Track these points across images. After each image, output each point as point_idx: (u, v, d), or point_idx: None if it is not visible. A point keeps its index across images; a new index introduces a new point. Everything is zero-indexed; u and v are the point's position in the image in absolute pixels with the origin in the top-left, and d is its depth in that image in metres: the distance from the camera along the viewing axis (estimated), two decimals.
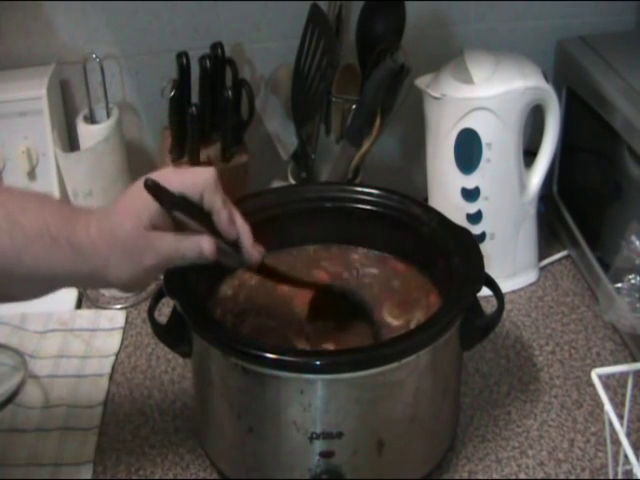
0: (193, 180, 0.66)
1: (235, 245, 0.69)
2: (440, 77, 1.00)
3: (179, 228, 0.67)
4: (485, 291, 0.79)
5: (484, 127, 0.98)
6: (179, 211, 0.65)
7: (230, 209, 0.67)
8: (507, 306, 1.00)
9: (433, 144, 1.03)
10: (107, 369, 0.96)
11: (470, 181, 1.00)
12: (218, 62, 1.01)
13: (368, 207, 0.88)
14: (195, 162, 1.01)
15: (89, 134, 1.00)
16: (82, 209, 0.70)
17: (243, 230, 0.69)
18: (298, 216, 0.89)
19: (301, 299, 0.84)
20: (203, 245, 0.65)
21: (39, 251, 0.64)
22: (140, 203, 0.65)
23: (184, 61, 1.00)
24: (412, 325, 0.81)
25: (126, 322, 1.04)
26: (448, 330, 0.73)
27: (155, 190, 0.63)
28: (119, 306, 1.07)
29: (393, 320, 0.82)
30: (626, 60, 1.01)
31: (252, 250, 0.70)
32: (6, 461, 0.84)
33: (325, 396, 0.70)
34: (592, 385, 0.76)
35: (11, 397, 0.90)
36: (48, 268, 0.64)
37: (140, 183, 0.64)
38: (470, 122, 0.98)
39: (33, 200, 0.67)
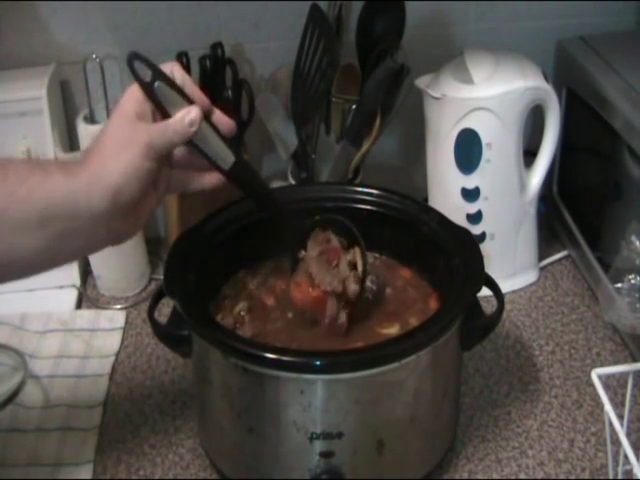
0: (163, 63, 0.72)
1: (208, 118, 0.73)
2: (440, 77, 1.00)
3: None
4: (485, 291, 0.79)
5: (484, 127, 0.98)
6: (159, 81, 0.69)
7: (193, 86, 0.73)
8: (507, 306, 1.01)
9: (433, 144, 1.03)
10: (107, 369, 0.96)
11: (470, 181, 1.00)
12: (218, 62, 1.01)
13: (368, 207, 0.88)
14: None
15: (89, 134, 1.00)
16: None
17: (207, 102, 0.74)
18: (298, 216, 0.89)
19: (302, 298, 0.85)
20: (191, 112, 0.70)
21: (33, 182, 0.65)
22: (122, 101, 0.70)
23: (184, 61, 1.01)
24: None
25: (126, 322, 1.04)
26: (448, 330, 0.73)
27: (136, 58, 0.69)
28: (119, 306, 1.07)
29: (387, 330, 0.82)
30: (626, 60, 1.01)
31: (222, 116, 0.74)
32: (6, 461, 0.84)
33: (325, 396, 0.70)
34: (592, 385, 0.76)
35: (11, 397, 0.90)
36: (44, 196, 0.65)
37: (127, 90, 0.70)
38: (470, 122, 0.98)
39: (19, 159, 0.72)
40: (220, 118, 0.74)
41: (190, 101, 0.71)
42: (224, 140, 0.73)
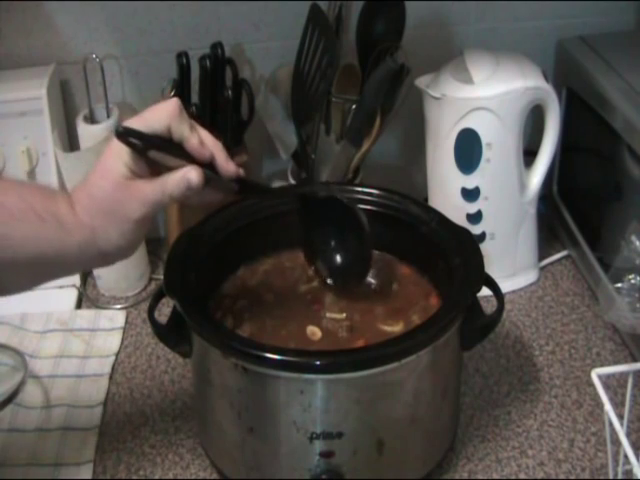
0: (157, 116, 0.66)
1: (213, 167, 0.69)
2: (440, 77, 1.00)
3: (156, 173, 0.67)
4: (485, 291, 0.79)
5: (484, 127, 0.98)
6: (153, 149, 0.65)
7: (199, 132, 0.68)
8: (507, 306, 1.00)
9: (433, 144, 1.03)
10: (107, 369, 0.96)
11: (470, 181, 1.00)
12: (218, 62, 1.01)
13: (368, 207, 0.88)
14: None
15: (89, 134, 1.00)
16: (60, 191, 0.71)
17: (215, 149, 0.69)
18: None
19: (302, 297, 0.85)
20: (189, 174, 0.66)
21: (26, 229, 0.64)
22: (113, 158, 0.65)
23: (184, 61, 1.00)
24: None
25: (126, 322, 1.04)
26: (448, 330, 0.73)
27: (127, 135, 0.64)
28: (119, 306, 1.07)
29: (391, 328, 0.82)
30: (626, 60, 1.01)
31: (226, 165, 0.69)
32: (6, 461, 0.84)
33: (325, 396, 0.70)
34: (592, 385, 0.76)
35: (11, 397, 0.90)
36: (36, 246, 0.64)
37: (111, 144, 0.65)
38: (470, 122, 0.98)
39: (12, 183, 0.68)
40: (225, 166, 0.69)
41: (190, 158, 0.67)
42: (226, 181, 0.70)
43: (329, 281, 0.85)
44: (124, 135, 0.64)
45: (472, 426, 0.88)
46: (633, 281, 0.73)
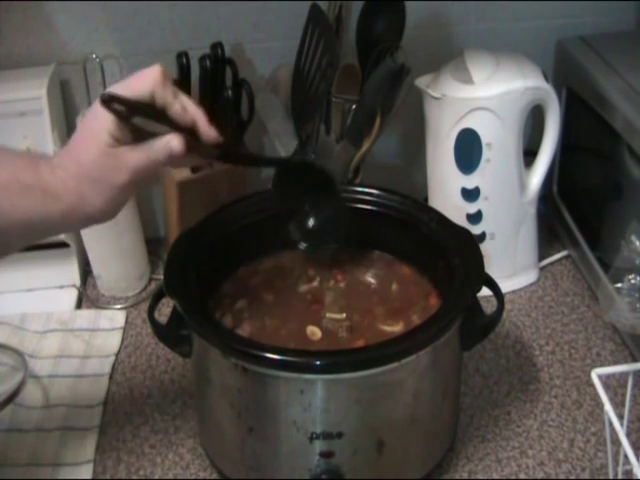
0: (141, 83, 0.67)
1: (194, 133, 0.70)
2: (440, 77, 1.00)
3: (139, 139, 0.68)
4: (485, 291, 0.79)
5: (484, 127, 0.98)
6: (137, 115, 0.66)
7: (181, 99, 0.68)
8: (507, 306, 1.01)
9: (433, 144, 1.03)
10: (107, 369, 0.96)
11: (470, 181, 1.00)
12: (218, 62, 1.01)
13: (368, 207, 0.88)
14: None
15: None
16: (41, 155, 0.70)
17: (197, 115, 0.69)
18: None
19: (302, 297, 0.85)
20: (172, 142, 0.67)
21: (12, 199, 0.64)
22: (97, 124, 0.66)
23: (184, 61, 1.00)
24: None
25: (126, 322, 1.04)
26: (448, 330, 0.73)
27: (111, 101, 0.64)
28: (119, 306, 1.07)
29: (391, 328, 0.82)
30: (626, 60, 1.01)
31: (208, 130, 0.70)
32: (6, 461, 0.84)
33: (325, 396, 0.70)
34: (592, 385, 0.76)
35: (11, 397, 0.90)
36: (24, 214, 0.65)
37: (92, 109, 0.66)
38: (470, 122, 0.98)
39: None
40: (204, 130, 0.70)
41: (172, 123, 0.68)
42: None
43: (301, 246, 0.85)
44: (109, 101, 0.65)
45: (472, 426, 0.88)
46: (633, 281, 0.73)
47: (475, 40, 1.11)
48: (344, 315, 0.83)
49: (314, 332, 0.81)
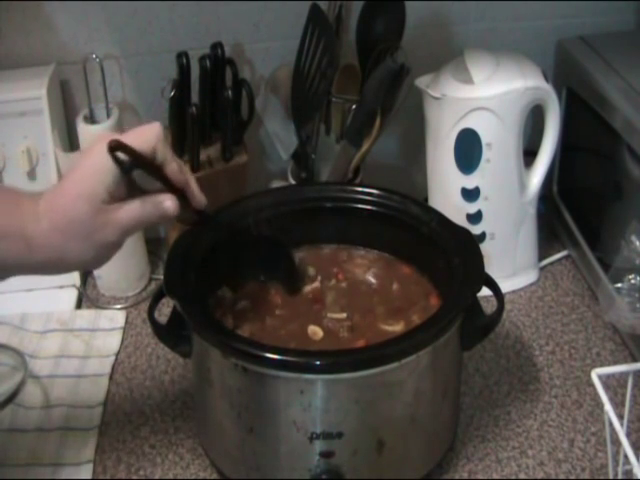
0: (145, 137, 0.67)
1: (183, 195, 0.71)
2: (440, 77, 1.00)
3: (130, 194, 0.68)
4: (485, 291, 0.79)
5: (484, 127, 0.98)
6: (138, 168, 0.66)
7: (177, 159, 0.69)
8: (507, 306, 1.01)
9: (433, 144, 1.03)
10: (107, 369, 0.96)
11: (470, 181, 1.00)
12: (218, 62, 1.01)
13: (368, 207, 0.88)
14: (195, 162, 1.01)
15: (89, 134, 1.00)
16: (25, 196, 0.68)
17: (190, 178, 0.71)
18: (298, 216, 0.89)
19: (303, 297, 0.85)
20: (166, 203, 0.68)
21: None
22: (93, 179, 0.65)
23: (184, 61, 1.00)
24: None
25: (126, 322, 1.04)
26: (448, 330, 0.73)
27: (117, 149, 0.64)
28: (119, 306, 1.07)
29: (392, 328, 0.82)
30: (626, 60, 1.01)
31: (199, 194, 0.72)
32: (6, 461, 0.84)
33: (325, 396, 0.70)
34: (592, 385, 0.76)
35: (11, 397, 0.90)
36: (0, 259, 0.64)
37: (93, 153, 0.65)
38: (470, 122, 0.98)
39: None
40: (193, 195, 0.72)
41: (168, 182, 0.69)
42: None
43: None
44: (115, 149, 0.64)
45: (472, 426, 0.88)
46: (633, 281, 0.73)
47: (475, 40, 1.11)
48: (345, 315, 0.83)
49: (315, 332, 0.81)
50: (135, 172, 0.67)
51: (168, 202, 0.68)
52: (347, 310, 0.83)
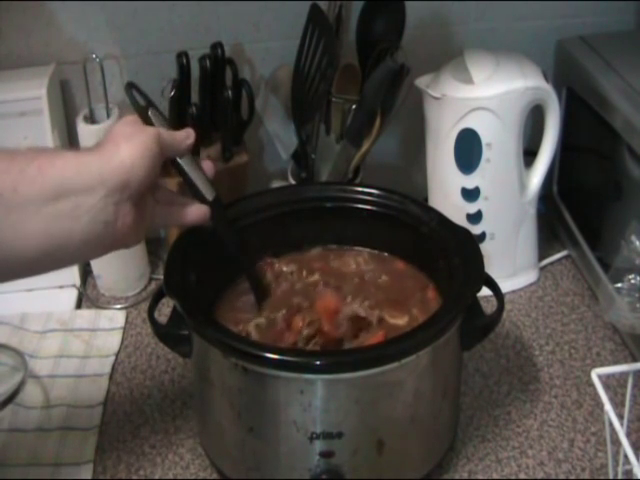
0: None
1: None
2: (440, 77, 1.00)
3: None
4: (485, 291, 0.79)
5: (484, 127, 0.98)
6: (153, 109, 0.76)
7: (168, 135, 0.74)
8: (507, 306, 1.01)
9: (433, 144, 1.03)
10: (107, 369, 0.96)
11: (470, 181, 1.00)
12: (218, 62, 1.01)
13: (368, 207, 0.88)
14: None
15: (89, 134, 1.00)
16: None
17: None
18: (298, 216, 0.89)
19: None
20: (187, 130, 0.75)
21: (42, 161, 0.64)
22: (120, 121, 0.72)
23: (184, 61, 1.00)
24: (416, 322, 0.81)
25: (126, 322, 1.04)
26: (448, 330, 0.73)
27: (133, 89, 0.78)
28: (119, 306, 1.07)
29: (396, 321, 0.82)
30: (626, 60, 1.01)
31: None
32: (6, 461, 0.84)
33: (325, 396, 0.70)
34: (592, 385, 0.76)
35: (11, 397, 0.90)
36: (56, 172, 0.64)
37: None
38: (470, 122, 0.98)
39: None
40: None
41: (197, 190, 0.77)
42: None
43: None
44: (131, 87, 0.77)
45: (472, 426, 0.88)
46: (633, 281, 0.73)
47: (475, 40, 1.11)
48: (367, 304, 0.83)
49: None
50: None
51: (190, 130, 0.76)
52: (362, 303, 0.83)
